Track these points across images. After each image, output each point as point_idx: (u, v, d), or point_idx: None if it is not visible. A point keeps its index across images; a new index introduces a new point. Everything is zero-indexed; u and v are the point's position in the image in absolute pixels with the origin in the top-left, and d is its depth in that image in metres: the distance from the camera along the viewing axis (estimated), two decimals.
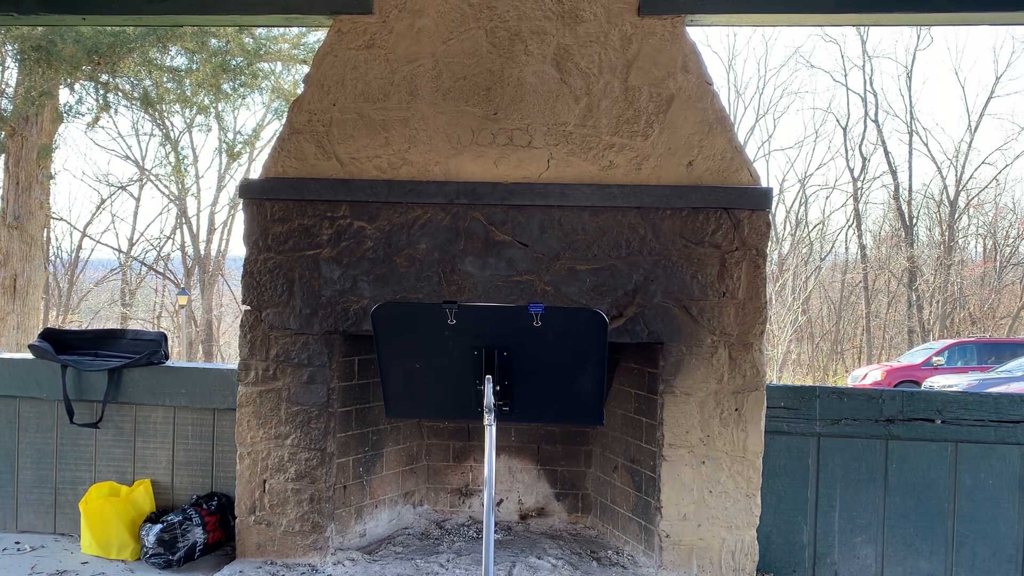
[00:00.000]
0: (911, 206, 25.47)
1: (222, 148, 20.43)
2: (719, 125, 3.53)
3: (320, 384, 3.56)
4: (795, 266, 24.75)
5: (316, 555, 3.56)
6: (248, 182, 3.64)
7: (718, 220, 3.46)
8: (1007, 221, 25.63)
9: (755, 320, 3.45)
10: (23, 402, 4.04)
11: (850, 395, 3.63)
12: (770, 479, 3.57)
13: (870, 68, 41.54)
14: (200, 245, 23.16)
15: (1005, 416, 3.54)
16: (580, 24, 3.57)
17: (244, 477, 3.61)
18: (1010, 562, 3.55)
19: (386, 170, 3.59)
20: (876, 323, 25.28)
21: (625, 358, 3.85)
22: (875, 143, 34.04)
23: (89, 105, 10.89)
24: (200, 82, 10.56)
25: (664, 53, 3.55)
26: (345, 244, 3.55)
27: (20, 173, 10.45)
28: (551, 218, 3.50)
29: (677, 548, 3.46)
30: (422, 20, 3.61)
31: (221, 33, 10.14)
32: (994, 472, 3.55)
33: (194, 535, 3.67)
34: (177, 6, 3.84)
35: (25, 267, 10.52)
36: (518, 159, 3.56)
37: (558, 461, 4.18)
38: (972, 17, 3.70)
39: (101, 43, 9.24)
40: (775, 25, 4.76)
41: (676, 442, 3.46)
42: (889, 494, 3.61)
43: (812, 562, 3.64)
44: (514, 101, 3.57)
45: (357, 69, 3.63)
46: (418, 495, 4.18)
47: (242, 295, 3.66)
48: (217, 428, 3.92)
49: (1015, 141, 44.60)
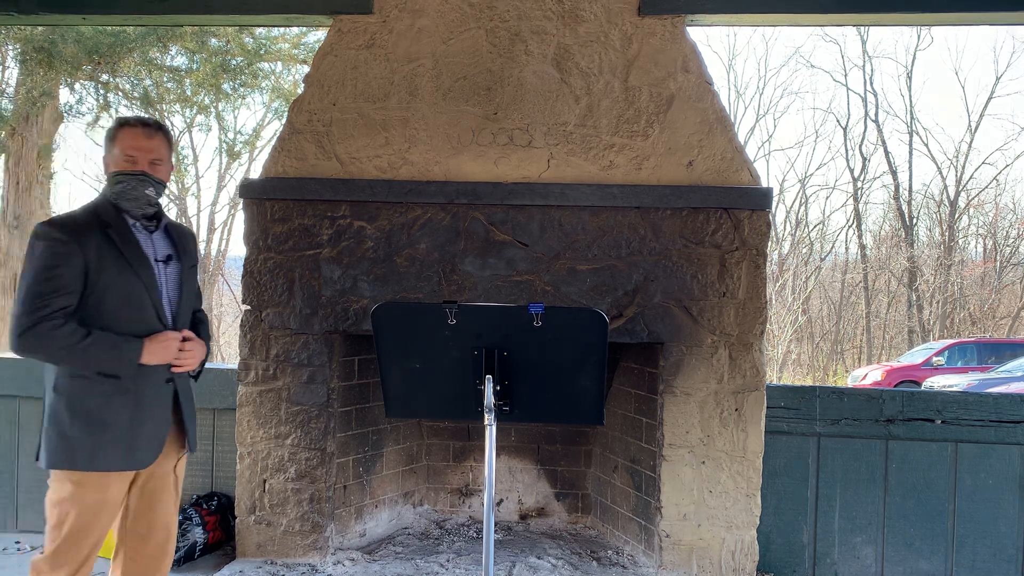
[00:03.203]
0: (911, 206, 25.46)
1: (222, 148, 20.42)
2: (719, 125, 3.53)
3: (320, 384, 3.56)
4: (795, 266, 24.74)
5: (316, 555, 3.56)
6: (248, 182, 3.64)
7: (718, 220, 3.46)
8: (1007, 221, 25.63)
9: (755, 320, 3.45)
10: (23, 402, 4.04)
11: (850, 395, 3.63)
12: (770, 479, 3.57)
13: (870, 68, 41.60)
14: (200, 245, 23.16)
15: (1005, 416, 3.53)
16: (580, 24, 3.57)
17: (244, 477, 3.61)
18: (1010, 562, 3.54)
19: (386, 170, 3.59)
20: (876, 323, 25.27)
21: (625, 358, 3.85)
22: (875, 143, 34.09)
23: (89, 105, 10.89)
24: (200, 82, 10.56)
25: (664, 53, 3.55)
26: (345, 244, 3.55)
27: (20, 173, 10.45)
28: (551, 218, 3.49)
29: (677, 548, 3.46)
30: (422, 20, 3.61)
31: (221, 33, 10.14)
32: (994, 472, 3.55)
33: (194, 535, 3.66)
34: (177, 6, 3.84)
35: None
36: (518, 159, 3.56)
37: (558, 461, 4.18)
38: (972, 17, 3.70)
39: (101, 43, 9.24)
40: (775, 25, 4.76)
41: (676, 442, 3.46)
42: (889, 494, 3.61)
43: (812, 562, 3.64)
44: (514, 101, 3.57)
45: (357, 69, 3.63)
46: (418, 495, 4.18)
47: (242, 295, 3.66)
48: (217, 428, 3.92)
49: (1015, 141, 44.62)
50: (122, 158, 2.29)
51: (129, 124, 2.33)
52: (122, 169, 2.29)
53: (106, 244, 2.24)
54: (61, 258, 2.19)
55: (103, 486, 2.23)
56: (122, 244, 2.26)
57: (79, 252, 2.20)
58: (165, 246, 2.38)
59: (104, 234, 2.25)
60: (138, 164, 2.28)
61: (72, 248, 2.19)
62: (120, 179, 2.29)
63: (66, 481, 2.22)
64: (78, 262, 2.19)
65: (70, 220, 2.28)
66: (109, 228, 2.26)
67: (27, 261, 2.24)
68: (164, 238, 2.40)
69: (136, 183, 2.28)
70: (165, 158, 2.34)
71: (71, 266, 2.19)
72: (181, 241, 2.44)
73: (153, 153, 2.30)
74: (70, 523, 2.21)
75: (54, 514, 2.23)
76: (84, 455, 2.20)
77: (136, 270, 2.26)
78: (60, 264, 2.18)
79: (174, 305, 2.38)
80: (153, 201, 2.33)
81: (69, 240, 2.20)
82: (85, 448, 2.20)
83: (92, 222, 2.27)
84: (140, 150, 2.29)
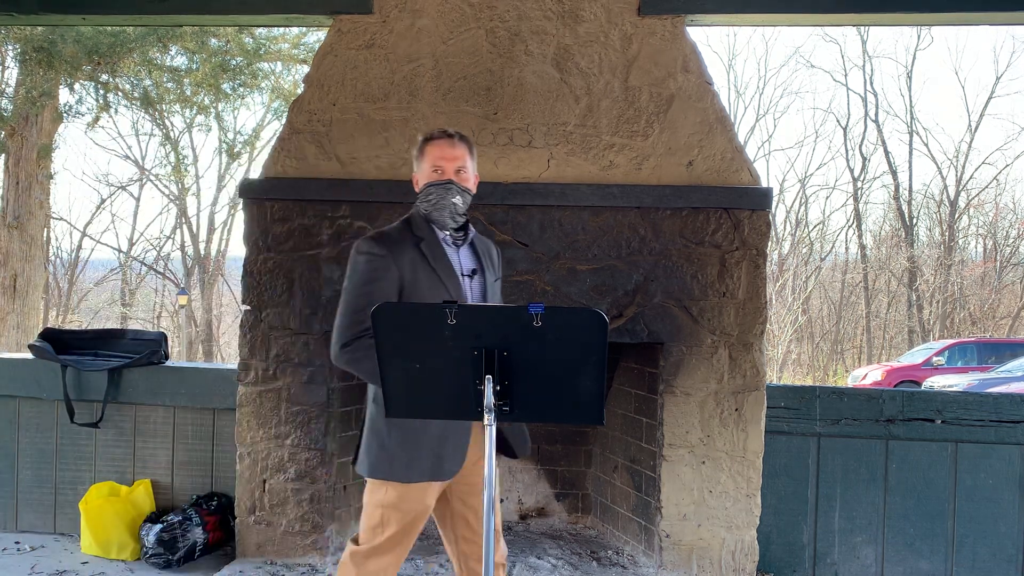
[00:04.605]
0: (911, 206, 25.46)
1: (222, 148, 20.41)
2: (719, 125, 3.53)
3: (320, 384, 3.56)
4: (795, 266, 24.74)
5: (316, 555, 3.56)
6: (248, 182, 3.64)
7: (718, 220, 3.46)
8: (1007, 221, 25.62)
9: (755, 320, 3.45)
10: (23, 402, 4.04)
11: (850, 395, 3.63)
12: (770, 479, 3.57)
13: (870, 68, 41.59)
14: (200, 245, 23.14)
15: (1005, 416, 3.53)
16: (580, 24, 3.57)
17: (244, 477, 3.61)
18: (1010, 562, 3.54)
19: (386, 170, 3.59)
20: (876, 323, 25.27)
21: (625, 358, 3.85)
22: (875, 143, 34.06)
23: (89, 105, 10.88)
24: (200, 82, 10.55)
25: (664, 53, 3.55)
26: (345, 244, 3.55)
27: (20, 173, 10.44)
28: (551, 218, 3.49)
29: (677, 548, 3.46)
30: (422, 20, 3.61)
31: (221, 33, 10.13)
32: (994, 472, 3.55)
33: (194, 535, 3.66)
34: (177, 6, 3.84)
35: (25, 267, 10.51)
36: (518, 159, 3.56)
37: (558, 461, 4.18)
38: (972, 17, 3.70)
39: (101, 43, 9.23)
40: (775, 25, 4.77)
41: (676, 442, 3.46)
42: (889, 494, 3.61)
43: (812, 562, 3.64)
44: (514, 101, 3.57)
45: (357, 69, 3.63)
46: None
47: (242, 295, 3.66)
48: (217, 428, 3.92)
49: (1015, 141, 44.64)
50: (430, 170, 2.32)
51: (434, 137, 2.37)
52: (431, 180, 2.32)
53: (419, 258, 2.27)
54: (379, 272, 2.24)
55: (419, 497, 2.28)
56: (433, 258, 2.29)
57: (395, 267, 2.24)
58: (471, 260, 2.40)
59: (417, 248, 2.28)
60: (445, 173, 2.31)
61: (388, 263, 2.24)
62: (431, 191, 2.31)
63: (387, 488, 2.28)
64: (394, 276, 2.24)
65: (386, 235, 2.33)
66: (421, 242, 2.29)
67: (348, 275, 2.31)
68: (470, 252, 2.41)
69: (444, 192, 2.29)
70: (469, 166, 2.37)
71: (388, 280, 2.24)
72: (486, 254, 2.45)
73: (458, 161, 2.33)
74: (392, 528, 2.28)
75: (376, 515, 2.30)
76: (401, 467, 2.26)
77: (446, 285, 2.28)
78: (378, 279, 2.24)
79: None
80: (460, 210, 2.33)
81: (386, 255, 2.25)
82: (402, 460, 2.26)
83: (406, 236, 2.31)
84: (446, 159, 2.32)
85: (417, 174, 2.39)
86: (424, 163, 2.35)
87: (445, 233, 2.35)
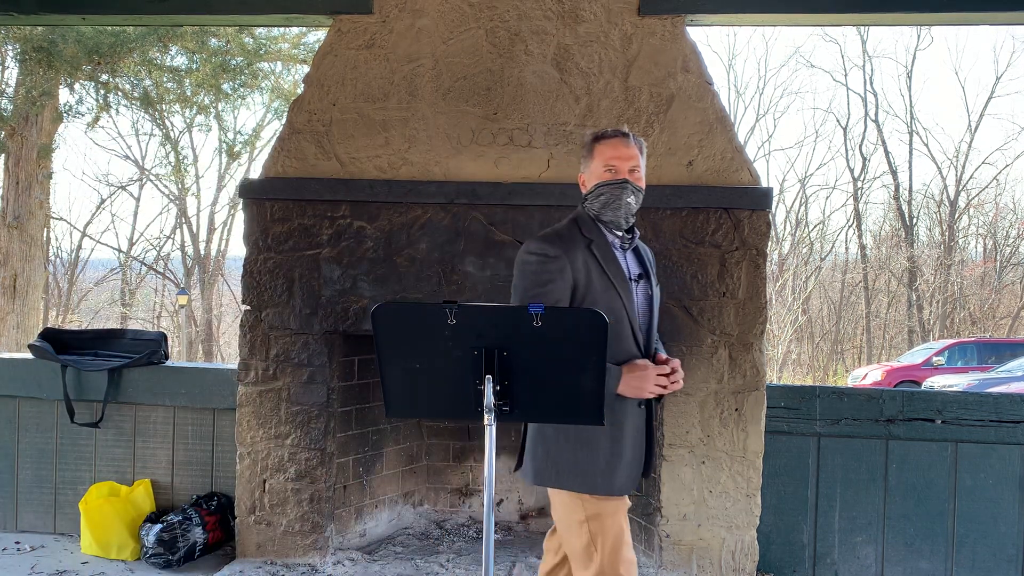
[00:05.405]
0: (911, 206, 25.46)
1: (222, 148, 20.40)
2: (719, 125, 3.53)
3: (320, 384, 3.56)
4: (795, 266, 24.74)
5: (316, 555, 3.56)
6: (248, 182, 3.64)
7: (718, 220, 3.46)
8: (1007, 221, 25.62)
9: (755, 320, 3.45)
10: (23, 402, 4.04)
11: (850, 395, 3.63)
12: (770, 479, 3.57)
13: (870, 68, 41.57)
14: (200, 245, 23.13)
15: (1005, 416, 3.53)
16: (580, 24, 3.57)
17: (244, 477, 3.61)
18: (1010, 562, 3.54)
19: (386, 170, 3.59)
20: (876, 323, 25.27)
21: None
22: (875, 143, 34.06)
23: (89, 105, 10.87)
24: (200, 82, 10.55)
25: (664, 53, 3.55)
26: (345, 244, 3.55)
27: (20, 173, 10.44)
28: (551, 218, 3.49)
29: (677, 548, 3.46)
30: (422, 20, 3.61)
31: (221, 33, 10.13)
32: (994, 472, 3.55)
33: (194, 535, 3.66)
34: (177, 6, 3.84)
35: (25, 267, 10.51)
36: (518, 159, 3.56)
37: None
38: (972, 17, 3.70)
39: (101, 43, 9.22)
40: (775, 25, 4.77)
41: (676, 442, 3.46)
42: (889, 494, 3.61)
43: (812, 562, 3.64)
44: (514, 101, 3.57)
45: (357, 69, 3.63)
46: (418, 495, 4.18)
47: (242, 295, 3.66)
48: (217, 428, 3.92)
49: (1015, 141, 44.62)
50: (602, 169, 2.24)
51: (607, 135, 2.28)
52: (603, 180, 2.23)
53: (591, 260, 2.19)
54: (554, 274, 2.15)
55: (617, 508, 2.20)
56: (604, 261, 2.20)
57: (569, 268, 2.15)
58: (636, 264, 2.33)
59: (588, 250, 2.20)
60: (619, 173, 2.23)
61: (563, 264, 2.15)
62: (602, 190, 2.22)
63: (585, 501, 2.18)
64: (568, 278, 2.15)
65: (557, 236, 2.23)
66: (592, 244, 2.21)
67: (518, 278, 2.21)
68: (634, 255, 2.34)
69: (619, 191, 2.21)
70: (641, 166, 2.28)
71: (563, 281, 2.15)
72: (648, 259, 2.40)
73: (632, 160, 2.24)
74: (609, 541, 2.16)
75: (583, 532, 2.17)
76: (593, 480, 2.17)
77: (618, 289, 2.19)
78: (553, 280, 2.15)
79: (644, 326, 2.29)
80: (633, 210, 2.26)
81: (561, 255, 2.16)
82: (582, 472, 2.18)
83: (577, 237, 2.22)
84: (620, 158, 2.23)
85: (584, 174, 2.30)
86: (594, 162, 2.26)
87: (614, 236, 2.27)
